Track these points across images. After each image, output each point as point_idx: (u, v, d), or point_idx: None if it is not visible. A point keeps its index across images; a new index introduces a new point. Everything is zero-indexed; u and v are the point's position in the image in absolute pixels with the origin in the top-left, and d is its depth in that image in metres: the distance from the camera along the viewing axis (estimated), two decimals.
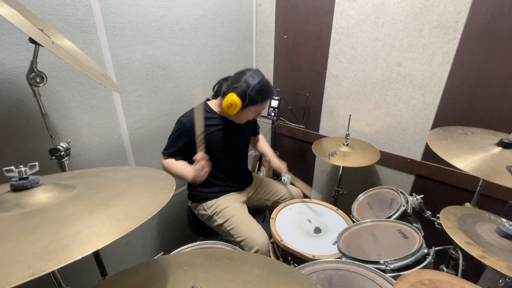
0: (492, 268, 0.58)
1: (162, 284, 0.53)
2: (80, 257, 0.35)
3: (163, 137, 1.28)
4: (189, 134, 1.18)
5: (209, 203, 1.31)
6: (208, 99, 1.34)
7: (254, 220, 1.27)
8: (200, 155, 1.09)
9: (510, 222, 0.69)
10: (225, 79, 1.27)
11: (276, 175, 2.25)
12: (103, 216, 0.42)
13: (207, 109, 1.27)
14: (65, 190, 0.46)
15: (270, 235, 1.22)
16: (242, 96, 1.13)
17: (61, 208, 0.43)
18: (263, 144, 1.59)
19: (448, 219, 0.76)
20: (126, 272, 0.55)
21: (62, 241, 0.37)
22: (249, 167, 2.13)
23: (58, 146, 0.82)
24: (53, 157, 0.82)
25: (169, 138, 1.25)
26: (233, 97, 1.13)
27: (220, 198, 1.33)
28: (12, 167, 0.42)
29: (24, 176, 0.42)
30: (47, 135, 0.83)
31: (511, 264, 0.58)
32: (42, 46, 0.60)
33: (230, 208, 1.28)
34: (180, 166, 1.20)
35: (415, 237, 0.89)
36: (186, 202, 1.46)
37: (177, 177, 1.16)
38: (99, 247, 0.36)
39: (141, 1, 1.22)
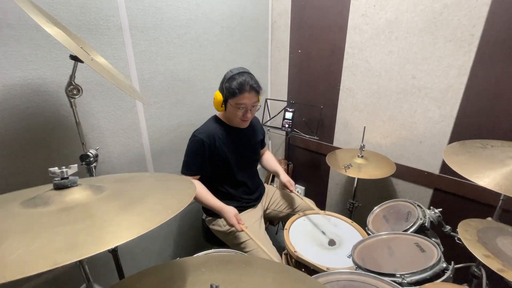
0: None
1: (181, 283, 0.55)
2: (105, 249, 0.38)
3: (181, 147, 1.35)
4: (205, 148, 1.21)
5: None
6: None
7: (270, 242, 1.26)
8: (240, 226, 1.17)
9: None
10: None
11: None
12: (128, 215, 0.46)
13: (216, 120, 1.30)
14: (97, 191, 0.51)
15: (283, 245, 1.22)
16: (221, 90, 1.19)
17: (94, 206, 0.48)
18: (270, 158, 1.56)
19: (467, 231, 0.74)
20: (147, 272, 0.58)
21: (92, 234, 0.40)
22: (262, 179, 2.15)
23: (88, 153, 0.89)
24: (83, 163, 0.88)
25: (187, 156, 1.25)
26: (217, 92, 1.19)
27: None
28: (56, 168, 0.47)
29: (65, 176, 0.48)
30: (79, 142, 0.90)
31: None
32: (82, 62, 0.67)
33: (246, 229, 1.28)
34: (212, 201, 1.23)
35: (433, 250, 0.87)
36: (202, 211, 1.49)
37: (208, 206, 1.23)
38: (123, 242, 0.38)
39: (165, 20, 1.33)
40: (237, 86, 1.14)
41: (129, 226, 0.41)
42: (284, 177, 1.43)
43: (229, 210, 1.19)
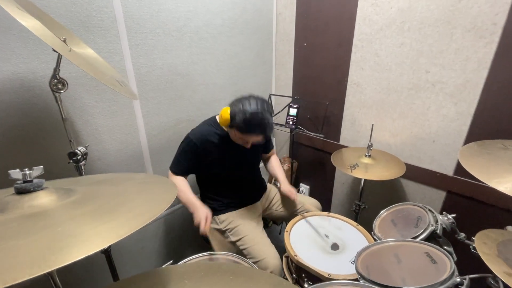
0: None
1: None
2: (72, 261, 0.33)
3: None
4: (197, 152, 1.19)
5: (222, 217, 1.27)
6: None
7: (268, 240, 1.22)
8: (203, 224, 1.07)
9: None
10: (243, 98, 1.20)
11: (294, 186, 2.18)
12: (90, 225, 0.40)
13: (214, 124, 1.24)
14: (66, 194, 0.46)
15: (284, 248, 1.16)
16: (232, 114, 1.10)
17: (54, 214, 0.42)
18: (275, 164, 1.50)
19: (485, 244, 0.66)
20: (123, 283, 0.53)
21: (59, 243, 0.36)
22: (265, 178, 2.08)
23: (76, 150, 0.85)
24: (71, 161, 0.84)
25: (177, 154, 1.24)
26: (227, 111, 1.10)
27: (233, 212, 1.29)
28: (17, 169, 0.42)
29: (29, 179, 0.43)
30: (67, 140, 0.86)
31: None
32: (61, 54, 0.62)
33: (243, 226, 1.23)
34: (190, 198, 1.17)
35: (446, 262, 0.79)
36: None
37: (184, 203, 1.18)
38: (71, 262, 0.33)
39: (162, 12, 1.27)
40: (247, 127, 1.08)
41: (87, 239, 0.36)
42: (285, 187, 1.38)
43: (203, 210, 1.11)
